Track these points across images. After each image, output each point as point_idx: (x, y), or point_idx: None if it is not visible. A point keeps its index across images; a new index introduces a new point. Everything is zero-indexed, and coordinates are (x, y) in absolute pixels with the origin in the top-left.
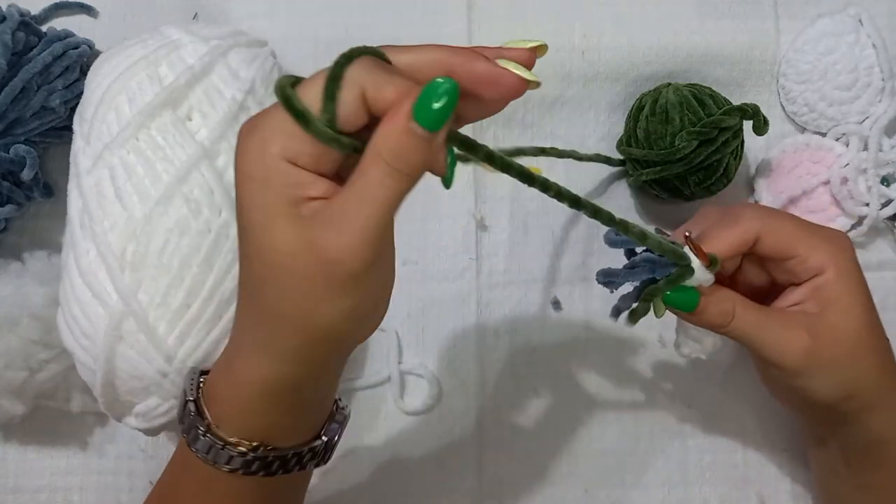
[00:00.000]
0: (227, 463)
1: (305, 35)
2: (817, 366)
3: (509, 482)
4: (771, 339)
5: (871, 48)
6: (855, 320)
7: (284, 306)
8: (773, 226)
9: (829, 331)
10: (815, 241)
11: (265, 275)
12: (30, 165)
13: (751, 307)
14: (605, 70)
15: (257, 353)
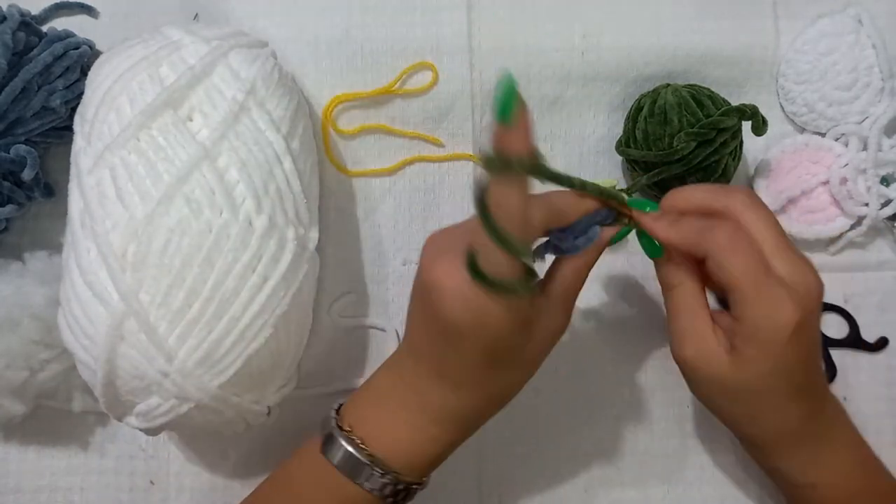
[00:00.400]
0: (367, 480)
1: (306, 35)
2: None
3: (509, 482)
4: (680, 329)
5: (870, 48)
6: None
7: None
8: (726, 258)
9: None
10: (754, 294)
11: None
12: (30, 165)
13: (694, 291)
14: (604, 70)
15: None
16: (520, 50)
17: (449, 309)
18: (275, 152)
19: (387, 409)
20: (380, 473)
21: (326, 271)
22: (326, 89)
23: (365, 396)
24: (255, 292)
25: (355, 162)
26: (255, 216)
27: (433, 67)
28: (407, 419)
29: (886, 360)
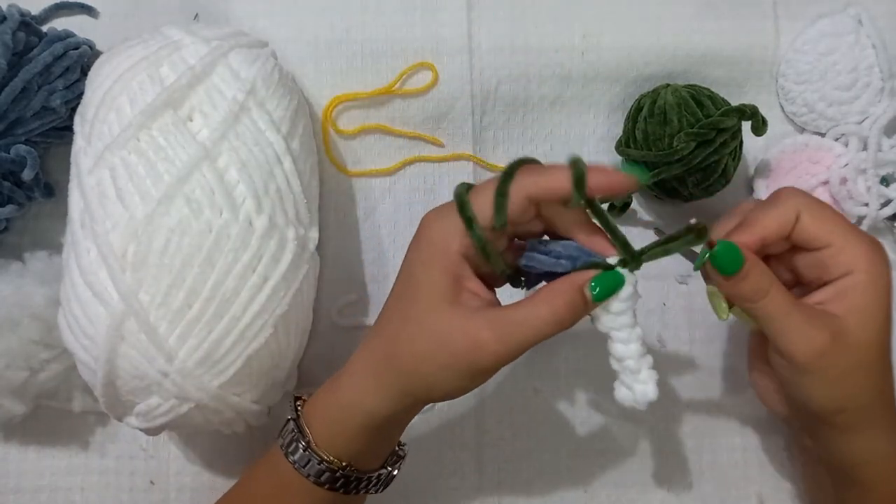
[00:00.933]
0: (317, 476)
1: (306, 35)
2: (825, 369)
3: (509, 482)
4: (792, 329)
5: (870, 48)
6: (873, 333)
7: (421, 368)
8: (814, 210)
9: (847, 337)
10: (852, 237)
11: (416, 338)
12: (31, 165)
13: (783, 291)
14: (604, 70)
15: (376, 393)
16: (520, 50)
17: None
18: (275, 152)
19: (326, 386)
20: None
21: (326, 271)
22: (326, 89)
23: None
24: (255, 292)
25: (355, 162)
26: (255, 216)
27: (433, 67)
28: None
29: None
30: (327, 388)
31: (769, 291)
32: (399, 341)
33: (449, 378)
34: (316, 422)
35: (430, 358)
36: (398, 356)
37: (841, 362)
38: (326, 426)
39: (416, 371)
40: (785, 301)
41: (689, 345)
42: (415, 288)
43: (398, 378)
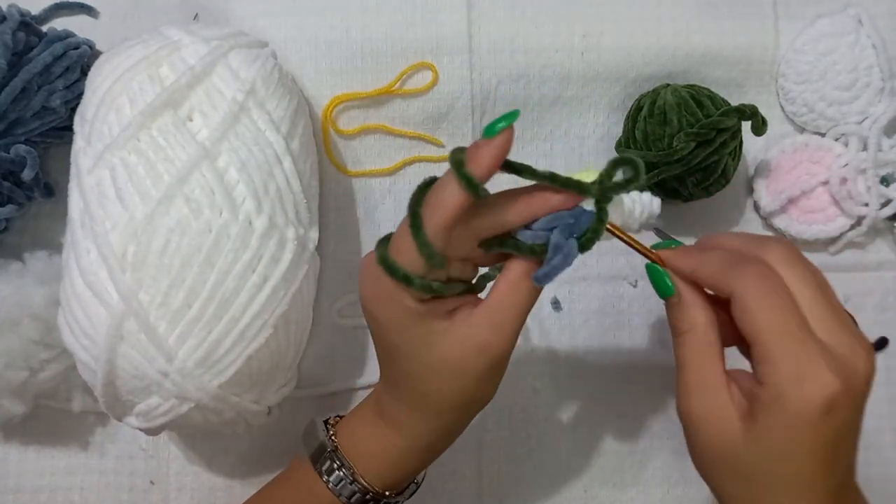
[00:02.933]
0: (348, 497)
1: (306, 35)
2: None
3: (509, 482)
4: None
5: (870, 48)
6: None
7: (448, 393)
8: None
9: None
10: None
11: (431, 378)
12: (30, 165)
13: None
14: (604, 70)
15: (412, 427)
16: (520, 50)
17: (363, 291)
18: (275, 152)
19: (362, 421)
20: (350, 480)
21: (326, 271)
22: (326, 89)
23: (351, 412)
24: (255, 292)
25: (355, 162)
26: (255, 216)
27: (433, 67)
28: (374, 430)
29: (886, 360)
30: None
31: (682, 335)
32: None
33: (480, 385)
34: (358, 454)
35: (458, 389)
36: (418, 394)
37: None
38: (370, 459)
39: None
40: (692, 354)
41: None
42: (402, 353)
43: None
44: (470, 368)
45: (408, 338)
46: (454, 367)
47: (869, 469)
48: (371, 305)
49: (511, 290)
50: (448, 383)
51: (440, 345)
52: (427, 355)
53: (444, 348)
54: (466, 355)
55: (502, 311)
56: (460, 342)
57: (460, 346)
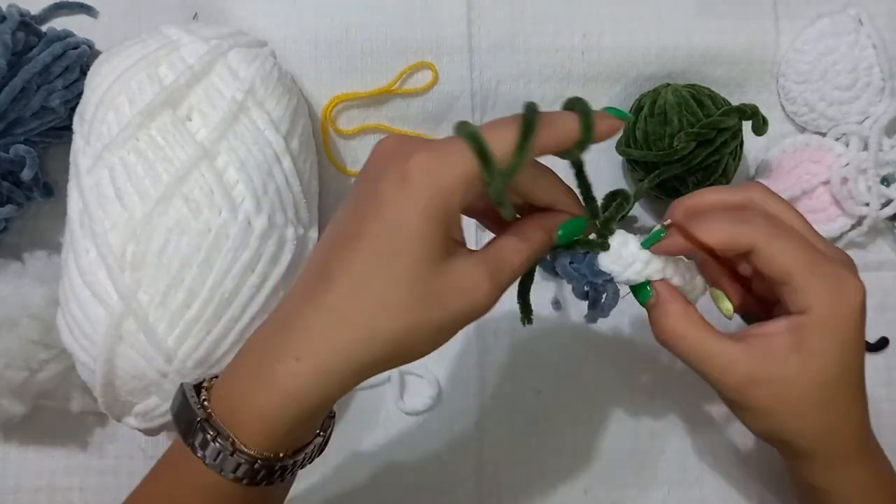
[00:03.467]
0: (233, 471)
1: (305, 35)
2: (752, 406)
3: (509, 482)
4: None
5: (871, 48)
6: (817, 380)
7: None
8: (775, 244)
9: (783, 378)
10: (815, 279)
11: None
12: (30, 165)
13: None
14: (604, 70)
15: (338, 382)
16: (520, 50)
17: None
18: (274, 152)
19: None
20: (230, 451)
21: None
22: (326, 89)
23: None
24: (254, 292)
25: (355, 162)
26: (254, 216)
27: (433, 67)
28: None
29: (886, 360)
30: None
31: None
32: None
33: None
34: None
35: (422, 325)
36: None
37: (773, 401)
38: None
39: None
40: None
41: None
42: (407, 242)
43: (372, 356)
44: (448, 304)
45: (428, 226)
46: (436, 291)
47: None
48: (417, 175)
49: (515, 248)
50: (419, 302)
51: (440, 260)
52: (426, 256)
53: (441, 267)
54: (453, 289)
55: (502, 265)
56: (456, 273)
57: (454, 276)
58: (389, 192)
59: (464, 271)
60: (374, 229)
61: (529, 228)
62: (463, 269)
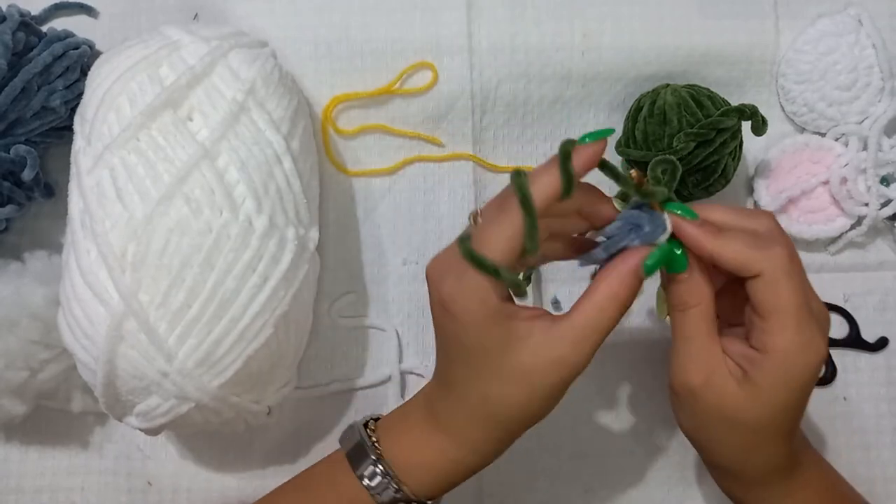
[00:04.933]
0: (387, 501)
1: (305, 35)
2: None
3: (509, 482)
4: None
5: (870, 48)
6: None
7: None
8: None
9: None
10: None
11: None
12: (30, 166)
13: (705, 319)
14: (604, 70)
15: (468, 433)
16: (520, 50)
17: (441, 290)
18: (275, 152)
19: (409, 427)
20: (394, 489)
21: (326, 271)
22: (326, 89)
23: (394, 415)
24: (255, 292)
25: (355, 162)
26: (255, 216)
27: (433, 67)
28: (424, 437)
29: (886, 360)
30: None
31: (689, 310)
32: (491, 400)
33: (545, 405)
34: (405, 467)
35: (526, 399)
36: (497, 414)
37: (701, 408)
38: (418, 471)
39: (517, 419)
40: (696, 328)
41: None
42: (477, 354)
43: (505, 433)
44: (542, 380)
45: (487, 338)
46: (527, 375)
47: (869, 469)
48: (452, 304)
49: (597, 310)
50: (517, 390)
51: (517, 350)
52: (502, 358)
53: (521, 354)
54: (542, 366)
55: (586, 329)
56: (539, 351)
57: (538, 355)
58: (445, 323)
59: (542, 348)
60: (455, 354)
61: (610, 276)
62: (542, 345)
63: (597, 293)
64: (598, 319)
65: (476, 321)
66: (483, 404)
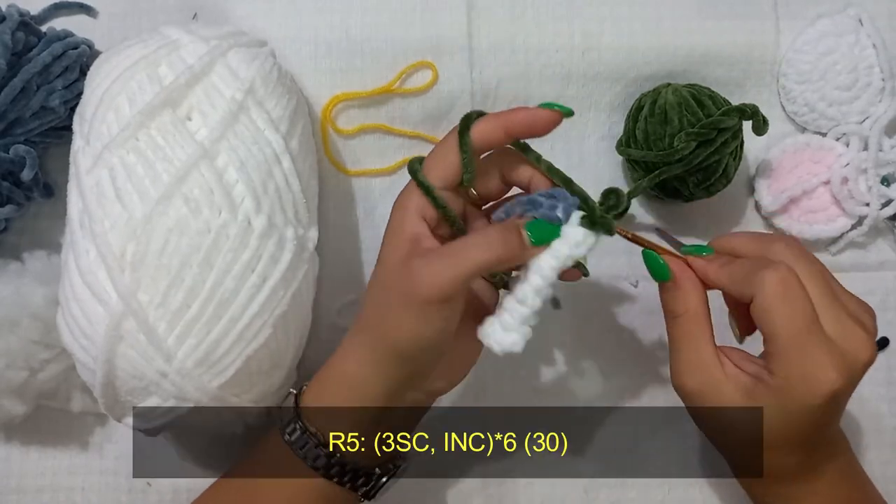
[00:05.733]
0: (313, 459)
1: (305, 35)
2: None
3: (509, 482)
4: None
5: (871, 48)
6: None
7: (387, 321)
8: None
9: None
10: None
11: (381, 298)
12: (30, 165)
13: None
14: (605, 70)
15: (357, 357)
16: (520, 50)
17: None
18: (274, 152)
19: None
20: (314, 443)
21: (326, 271)
22: (326, 89)
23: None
24: (254, 292)
25: (355, 162)
26: (254, 216)
27: (433, 67)
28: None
29: (886, 360)
30: (323, 372)
31: (677, 317)
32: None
33: (408, 321)
34: (312, 401)
35: (392, 307)
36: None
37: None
38: (323, 401)
39: (384, 325)
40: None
41: None
42: (381, 258)
43: (366, 336)
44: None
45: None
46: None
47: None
48: (397, 206)
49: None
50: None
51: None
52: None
53: (410, 276)
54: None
55: (454, 258)
56: (417, 272)
57: (416, 275)
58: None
59: (419, 272)
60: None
61: (494, 225)
62: (418, 271)
63: (478, 233)
64: (467, 255)
65: (393, 227)
66: (383, 334)
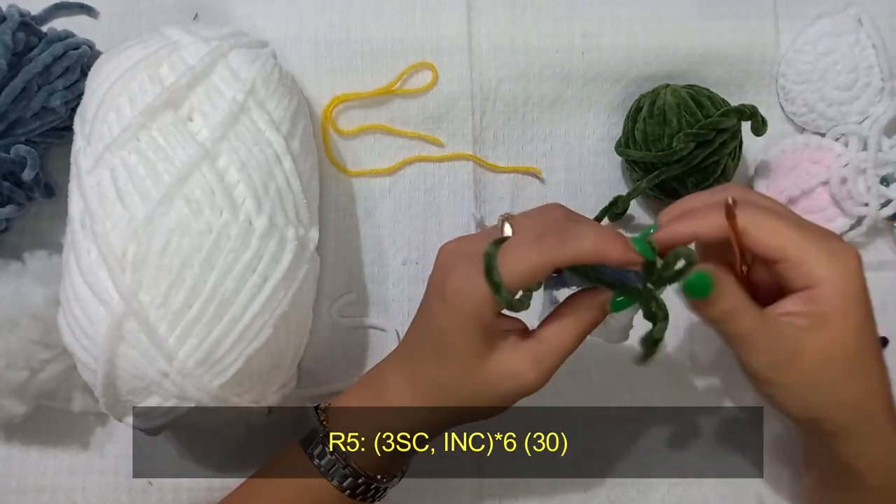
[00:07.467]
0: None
1: (305, 35)
2: (787, 383)
3: (509, 482)
4: (753, 347)
5: (870, 48)
6: (841, 347)
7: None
8: (762, 222)
9: (811, 352)
10: (812, 249)
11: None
12: (31, 166)
13: (750, 311)
14: (604, 70)
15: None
16: (520, 50)
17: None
18: (275, 152)
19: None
20: (342, 464)
21: (326, 271)
22: (326, 89)
23: (342, 395)
24: (255, 292)
25: (355, 162)
26: (255, 216)
27: (433, 67)
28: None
29: (887, 360)
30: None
31: (734, 315)
32: (444, 389)
33: (490, 412)
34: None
35: (477, 401)
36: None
37: (803, 378)
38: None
39: (457, 414)
40: (749, 323)
41: (689, 344)
42: (452, 348)
43: (443, 418)
44: (496, 390)
45: (467, 341)
46: (485, 381)
47: None
48: (453, 297)
49: (561, 331)
50: (471, 391)
51: (485, 358)
52: (471, 361)
53: (487, 362)
54: (500, 378)
55: (547, 350)
56: (502, 362)
57: (501, 365)
58: (435, 308)
59: (508, 362)
60: (429, 337)
61: (579, 306)
62: (507, 359)
63: (564, 316)
64: (561, 341)
65: (465, 324)
66: (435, 389)
